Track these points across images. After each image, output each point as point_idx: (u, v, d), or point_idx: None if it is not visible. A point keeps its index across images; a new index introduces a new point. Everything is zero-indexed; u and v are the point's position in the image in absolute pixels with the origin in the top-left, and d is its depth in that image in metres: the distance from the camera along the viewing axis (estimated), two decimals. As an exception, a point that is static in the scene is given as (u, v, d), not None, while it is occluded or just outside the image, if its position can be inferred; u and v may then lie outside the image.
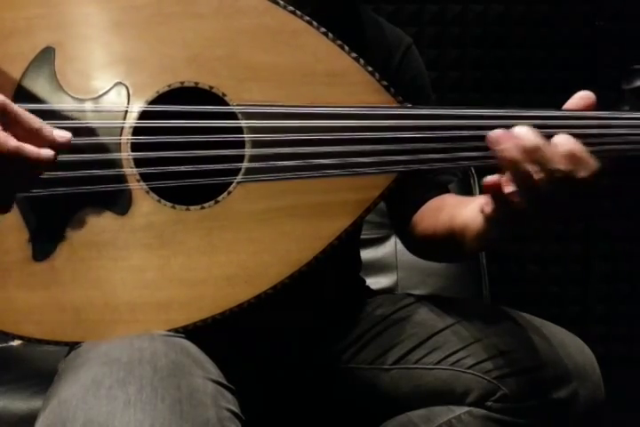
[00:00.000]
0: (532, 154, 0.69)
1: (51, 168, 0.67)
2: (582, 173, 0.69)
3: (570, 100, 0.75)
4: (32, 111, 0.71)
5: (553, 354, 0.88)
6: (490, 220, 0.77)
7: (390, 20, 1.11)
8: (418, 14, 2.08)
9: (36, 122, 0.66)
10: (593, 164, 0.70)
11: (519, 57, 2.10)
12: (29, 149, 0.64)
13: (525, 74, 2.10)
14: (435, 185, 1.03)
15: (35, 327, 0.79)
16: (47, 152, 0.65)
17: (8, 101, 0.64)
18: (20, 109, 0.65)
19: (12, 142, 0.63)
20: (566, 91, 0.75)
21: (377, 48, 1.04)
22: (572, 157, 0.69)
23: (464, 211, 0.85)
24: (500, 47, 2.10)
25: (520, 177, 0.70)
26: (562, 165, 0.69)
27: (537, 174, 0.69)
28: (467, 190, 1.64)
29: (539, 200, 0.70)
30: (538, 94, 2.08)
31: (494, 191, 0.72)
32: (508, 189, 0.71)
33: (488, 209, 0.75)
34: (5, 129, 0.64)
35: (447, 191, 1.04)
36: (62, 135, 0.67)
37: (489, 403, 0.88)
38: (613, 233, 2.15)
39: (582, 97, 0.75)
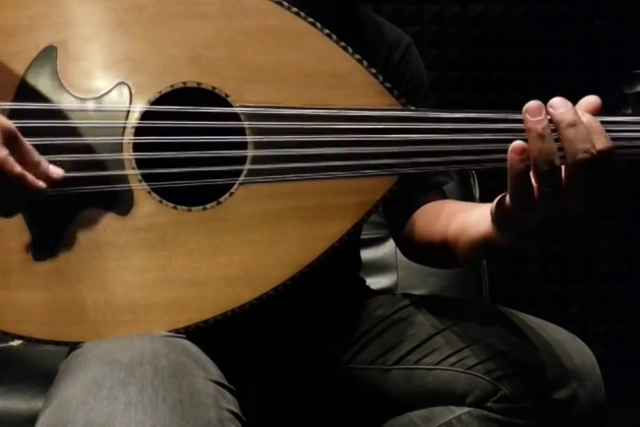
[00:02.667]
0: (569, 129, 0.69)
1: (39, 198, 0.73)
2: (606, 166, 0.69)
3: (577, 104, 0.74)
4: (33, 110, 0.72)
5: (553, 354, 0.88)
6: (496, 218, 0.75)
7: (390, 19, 1.11)
8: (418, 14, 2.09)
9: (36, 155, 0.72)
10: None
11: (519, 57, 2.10)
12: (30, 177, 0.71)
13: (525, 74, 2.11)
14: (430, 186, 1.03)
15: (35, 327, 0.79)
16: (42, 184, 0.72)
17: (18, 133, 0.70)
18: (25, 141, 0.71)
19: (18, 168, 0.69)
20: (566, 91, 0.75)
21: (377, 48, 1.04)
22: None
23: (461, 218, 0.85)
24: (500, 47, 2.10)
25: (547, 155, 0.68)
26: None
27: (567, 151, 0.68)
28: (467, 190, 1.64)
29: (556, 188, 0.69)
30: (537, 94, 2.08)
31: (516, 157, 0.69)
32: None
33: (501, 203, 0.74)
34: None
35: (442, 192, 1.04)
36: (56, 172, 0.74)
37: (489, 403, 0.88)
38: (613, 233, 2.15)
39: (587, 102, 0.74)
